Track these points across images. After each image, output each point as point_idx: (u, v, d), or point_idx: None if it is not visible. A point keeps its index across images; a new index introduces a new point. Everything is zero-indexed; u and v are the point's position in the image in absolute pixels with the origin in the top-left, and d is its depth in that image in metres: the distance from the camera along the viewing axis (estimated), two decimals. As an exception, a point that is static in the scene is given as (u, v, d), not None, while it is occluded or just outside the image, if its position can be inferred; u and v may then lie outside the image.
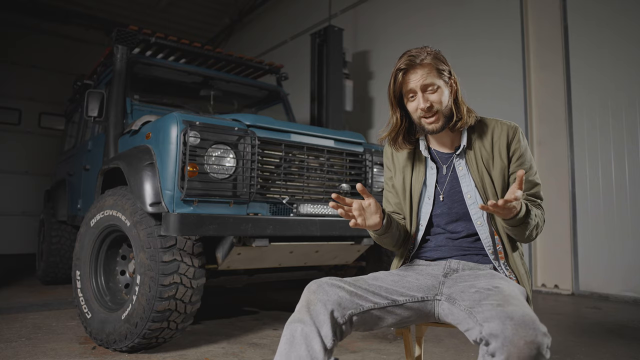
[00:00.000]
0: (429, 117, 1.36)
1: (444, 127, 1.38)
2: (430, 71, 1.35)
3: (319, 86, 6.17)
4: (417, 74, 1.35)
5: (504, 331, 0.97)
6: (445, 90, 1.37)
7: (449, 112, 1.38)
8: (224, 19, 10.10)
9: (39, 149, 9.15)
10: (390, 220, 1.41)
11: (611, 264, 4.23)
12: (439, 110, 1.36)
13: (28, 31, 9.23)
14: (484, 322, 1.03)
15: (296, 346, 1.13)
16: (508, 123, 1.44)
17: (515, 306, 1.03)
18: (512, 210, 1.18)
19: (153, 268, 2.22)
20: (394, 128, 1.46)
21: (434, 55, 1.36)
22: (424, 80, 1.34)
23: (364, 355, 2.40)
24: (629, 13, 4.24)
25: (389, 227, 1.40)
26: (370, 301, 1.25)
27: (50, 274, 4.77)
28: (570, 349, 2.56)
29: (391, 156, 1.58)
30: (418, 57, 1.35)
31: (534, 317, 1.00)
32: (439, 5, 5.88)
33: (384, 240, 1.47)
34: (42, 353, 2.35)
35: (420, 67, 1.35)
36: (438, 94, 1.36)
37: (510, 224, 1.27)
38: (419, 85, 1.35)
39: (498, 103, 4.99)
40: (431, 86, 1.35)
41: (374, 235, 1.45)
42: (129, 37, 3.19)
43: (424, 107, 1.35)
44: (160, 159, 2.34)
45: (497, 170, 1.39)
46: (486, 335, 1.01)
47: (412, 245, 1.49)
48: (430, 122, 1.37)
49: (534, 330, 0.97)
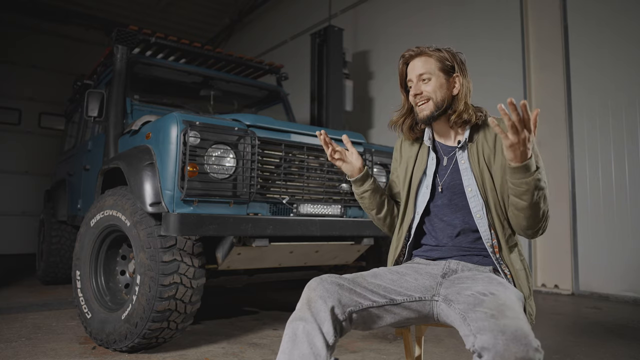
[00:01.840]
0: (420, 104, 1.45)
1: (433, 116, 1.44)
2: (428, 62, 1.44)
3: (319, 86, 6.17)
4: (416, 65, 1.46)
5: (496, 346, 0.98)
6: (443, 82, 1.43)
7: (442, 103, 1.43)
8: (224, 19, 10.10)
9: (39, 149, 9.14)
10: (373, 178, 1.56)
11: (611, 264, 4.23)
12: (430, 99, 1.43)
13: (28, 31, 9.23)
14: (477, 334, 1.04)
15: (299, 344, 1.14)
16: None
17: (509, 319, 1.03)
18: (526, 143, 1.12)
19: (153, 268, 2.22)
20: (401, 112, 1.56)
21: (444, 50, 1.45)
22: (420, 69, 1.44)
23: (364, 355, 2.40)
24: (629, 13, 4.24)
25: (367, 178, 1.54)
26: (369, 299, 1.25)
27: (50, 274, 4.77)
28: (570, 349, 2.56)
29: (400, 147, 1.65)
30: (421, 49, 1.46)
31: (527, 331, 1.00)
32: (439, 5, 5.88)
33: (364, 200, 1.58)
34: (42, 353, 2.36)
35: (420, 58, 1.45)
36: (431, 83, 1.43)
37: (520, 171, 1.18)
38: (415, 75, 1.45)
39: (498, 103, 4.97)
40: (425, 74, 1.43)
41: (356, 191, 1.57)
42: (129, 37, 3.19)
43: (413, 93, 1.45)
44: (160, 159, 2.34)
45: (497, 165, 1.40)
46: (478, 347, 1.01)
47: (408, 234, 1.51)
48: (422, 110, 1.45)
49: (525, 346, 0.97)
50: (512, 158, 1.18)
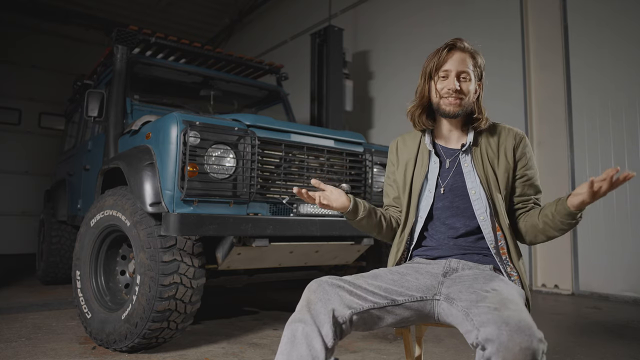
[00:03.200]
0: (452, 99, 1.40)
1: (460, 115, 1.42)
2: (469, 60, 1.42)
3: (319, 86, 6.17)
4: (458, 57, 1.41)
5: (500, 337, 0.97)
6: (474, 84, 1.43)
7: (470, 106, 1.43)
8: (224, 19, 10.10)
9: (39, 149, 9.14)
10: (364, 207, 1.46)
11: (611, 264, 4.23)
12: (463, 99, 1.41)
13: (28, 31, 9.23)
14: (480, 327, 1.03)
15: (297, 346, 1.13)
16: (515, 129, 1.50)
17: (512, 311, 1.03)
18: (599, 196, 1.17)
19: (153, 268, 2.22)
20: (420, 102, 1.48)
21: (477, 50, 1.45)
22: (462, 66, 1.40)
23: (364, 355, 2.40)
24: (629, 13, 4.24)
25: (356, 212, 1.44)
26: (370, 301, 1.25)
27: (50, 274, 4.77)
28: (570, 349, 2.56)
29: (396, 150, 1.62)
30: (464, 42, 1.43)
31: (530, 322, 1.00)
32: (439, 5, 5.88)
33: (363, 228, 1.52)
34: (42, 353, 2.36)
35: (463, 52, 1.41)
36: (468, 84, 1.41)
37: (574, 216, 1.25)
38: (456, 68, 1.40)
39: (498, 103, 4.98)
40: (465, 74, 1.40)
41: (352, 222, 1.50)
42: (129, 37, 3.19)
43: (453, 88, 1.39)
44: (160, 159, 2.34)
45: (501, 169, 1.43)
46: (482, 340, 1.01)
47: (410, 237, 1.50)
48: (450, 103, 1.40)
49: (530, 337, 0.96)
50: (575, 206, 1.23)
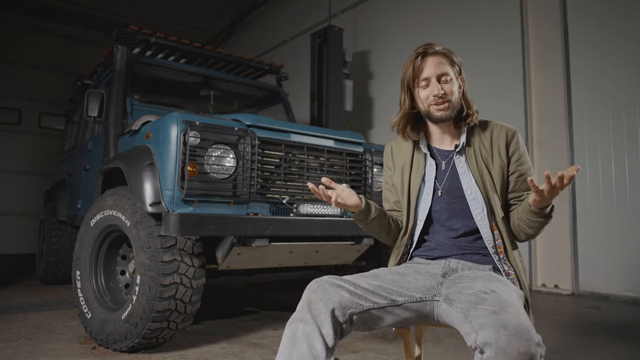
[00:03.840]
0: (440, 105, 1.40)
1: (452, 117, 1.43)
2: (445, 61, 1.41)
3: (319, 86, 6.17)
4: (433, 62, 1.40)
5: (498, 341, 0.97)
6: (456, 83, 1.42)
7: (459, 105, 1.43)
8: (224, 19, 10.10)
9: (39, 149, 9.14)
10: (375, 206, 1.46)
11: (611, 264, 4.23)
12: (450, 101, 1.40)
13: (28, 31, 9.23)
14: (479, 330, 1.03)
15: (298, 345, 1.13)
16: (507, 125, 1.49)
17: (511, 314, 1.03)
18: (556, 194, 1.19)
19: (153, 268, 2.22)
20: (404, 113, 1.48)
21: (449, 49, 1.44)
22: (440, 69, 1.40)
23: (364, 355, 2.40)
24: (629, 13, 4.24)
25: (368, 211, 1.44)
26: (370, 301, 1.25)
27: (50, 274, 4.77)
28: (570, 349, 2.56)
29: (391, 155, 1.62)
30: (435, 46, 1.42)
31: (528, 326, 1.00)
32: (439, 5, 5.88)
33: (373, 226, 1.49)
34: (42, 353, 2.36)
35: (436, 56, 1.41)
36: (451, 84, 1.41)
37: (540, 214, 1.29)
38: (434, 73, 1.40)
39: (498, 103, 4.98)
40: (445, 76, 1.40)
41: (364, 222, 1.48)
42: (129, 37, 3.19)
43: (438, 94, 1.39)
44: (160, 159, 2.34)
45: (496, 167, 1.43)
46: (480, 343, 1.01)
47: (410, 241, 1.51)
48: (440, 109, 1.41)
49: (527, 341, 0.97)
50: (535, 205, 1.26)
